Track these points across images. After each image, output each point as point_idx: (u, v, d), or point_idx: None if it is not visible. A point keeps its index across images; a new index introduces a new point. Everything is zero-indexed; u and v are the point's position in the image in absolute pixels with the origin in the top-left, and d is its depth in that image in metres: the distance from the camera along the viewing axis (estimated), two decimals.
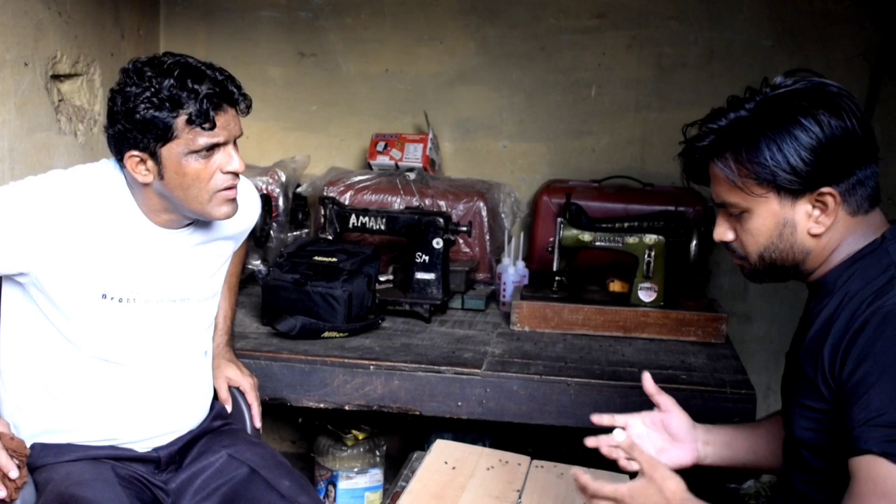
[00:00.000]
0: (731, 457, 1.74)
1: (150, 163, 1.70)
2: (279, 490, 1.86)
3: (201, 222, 1.88)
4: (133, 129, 1.66)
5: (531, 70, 3.34)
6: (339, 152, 3.49)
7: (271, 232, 3.03)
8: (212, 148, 1.70)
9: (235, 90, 1.72)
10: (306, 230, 3.23)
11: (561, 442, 2.91)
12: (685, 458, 1.73)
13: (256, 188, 2.95)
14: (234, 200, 1.79)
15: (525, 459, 2.18)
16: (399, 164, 3.22)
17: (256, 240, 2.91)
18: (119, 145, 1.71)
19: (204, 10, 3.44)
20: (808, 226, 1.42)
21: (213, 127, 1.67)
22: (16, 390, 1.83)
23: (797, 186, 1.38)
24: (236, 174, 1.76)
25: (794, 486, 1.51)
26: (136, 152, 1.69)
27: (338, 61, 3.43)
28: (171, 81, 1.64)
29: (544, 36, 3.31)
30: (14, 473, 1.63)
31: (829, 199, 1.39)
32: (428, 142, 3.23)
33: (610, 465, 2.18)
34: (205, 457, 1.94)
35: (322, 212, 2.84)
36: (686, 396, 2.26)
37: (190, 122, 1.65)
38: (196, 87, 1.65)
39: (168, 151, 1.68)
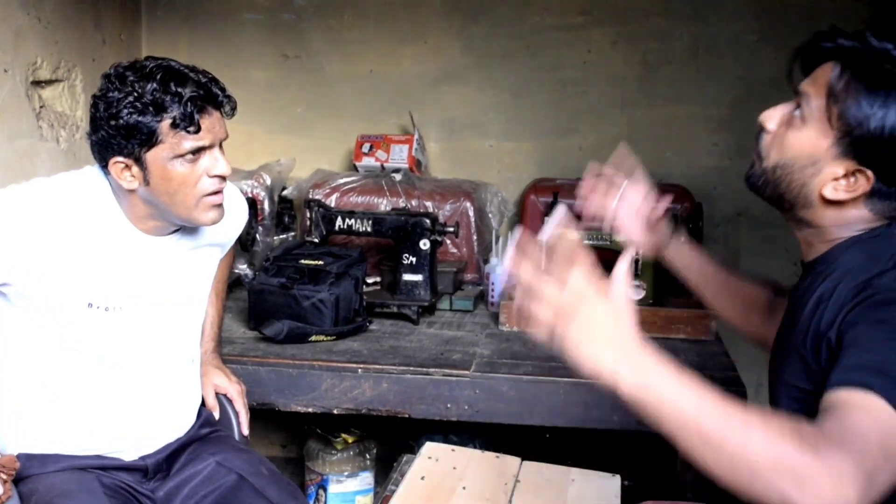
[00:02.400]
0: (684, 276, 1.80)
1: (135, 168, 1.68)
2: (268, 497, 1.84)
3: (188, 229, 1.86)
4: (117, 135, 1.64)
5: (516, 69, 3.33)
6: (325, 154, 3.47)
7: (257, 236, 3.01)
8: (197, 152, 1.68)
9: (220, 92, 1.71)
10: (292, 233, 3.22)
11: (552, 442, 2.90)
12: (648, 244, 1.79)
13: (241, 192, 2.94)
14: (220, 206, 1.77)
15: (515, 460, 2.17)
16: (385, 165, 3.21)
17: (242, 244, 2.89)
18: (103, 152, 1.69)
19: (186, 13, 3.42)
20: (826, 183, 1.36)
21: (197, 130, 1.65)
22: (8, 395, 1.81)
23: (862, 148, 1.31)
24: (223, 178, 1.74)
25: None
26: (120, 158, 1.67)
27: (322, 63, 3.42)
28: (154, 85, 1.62)
29: (529, 34, 3.30)
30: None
31: (861, 179, 1.34)
32: (413, 142, 3.22)
33: (601, 465, 2.18)
34: (192, 464, 1.92)
35: (308, 215, 2.83)
36: None
37: (174, 125, 1.63)
38: (179, 90, 1.63)
39: (153, 156, 1.66)
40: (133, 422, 1.87)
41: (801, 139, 1.38)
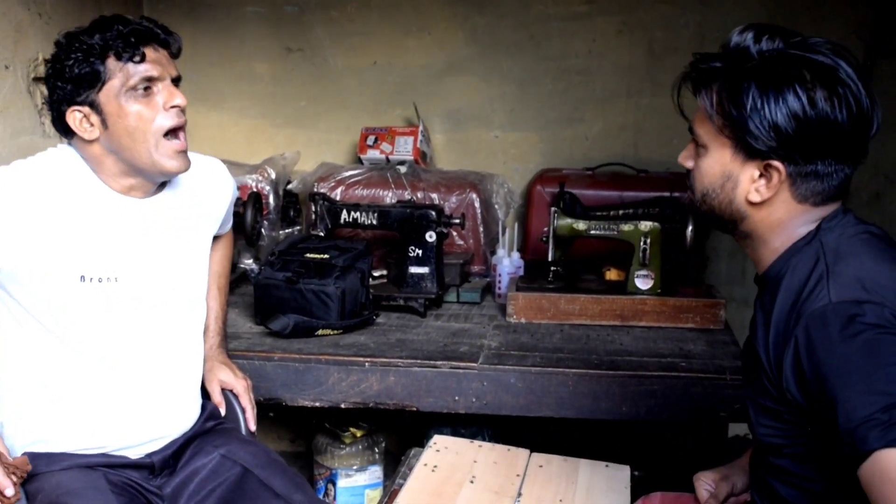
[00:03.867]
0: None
1: (93, 116, 1.72)
2: (273, 488, 1.83)
3: (167, 189, 1.88)
4: (67, 85, 1.70)
5: (521, 59, 3.31)
6: (329, 147, 3.46)
7: (262, 230, 2.99)
8: (148, 86, 1.72)
9: (160, 31, 1.76)
10: (298, 227, 3.21)
11: (561, 434, 2.89)
12: None
13: (246, 186, 2.94)
14: (184, 153, 1.79)
15: (524, 453, 2.16)
16: (390, 157, 3.19)
17: (248, 238, 2.88)
18: (59, 109, 1.73)
19: (188, 7, 3.40)
20: (748, 189, 1.41)
21: (143, 59, 1.70)
22: (10, 395, 1.80)
23: (756, 145, 1.36)
24: (181, 110, 1.77)
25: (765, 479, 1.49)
26: (76, 108, 1.71)
27: (325, 55, 3.40)
28: (97, 32, 1.70)
29: (533, 24, 3.28)
30: (10, 492, 1.60)
31: (774, 173, 1.37)
32: (418, 134, 3.20)
33: (611, 457, 2.17)
34: (198, 458, 1.91)
35: (313, 208, 2.81)
36: (686, 384, 2.24)
37: (118, 57, 1.69)
38: (119, 27, 1.70)
39: (105, 97, 1.70)
40: (135, 418, 1.85)
41: (710, 163, 1.45)
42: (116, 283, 1.78)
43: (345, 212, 2.79)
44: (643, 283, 2.62)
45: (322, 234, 2.79)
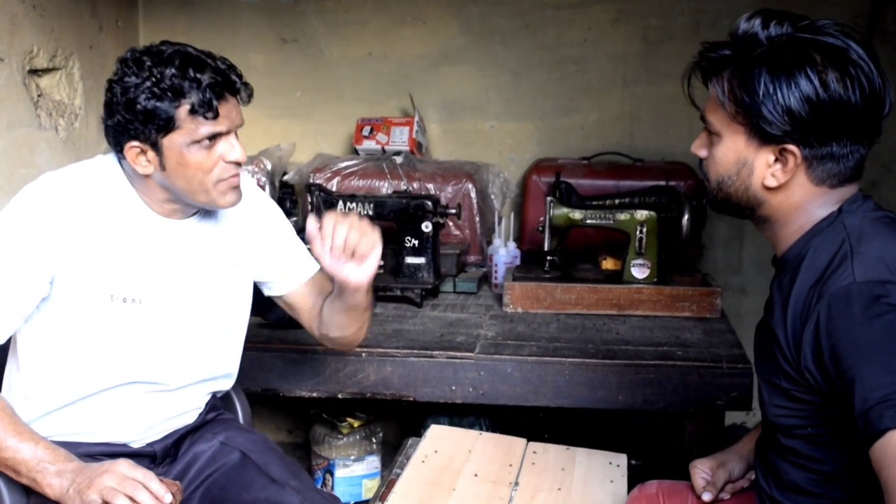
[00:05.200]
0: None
1: (150, 154, 1.66)
2: (270, 475, 1.84)
3: (207, 213, 1.84)
4: (134, 120, 1.62)
5: (516, 48, 3.31)
6: (325, 138, 3.45)
7: None
8: (214, 138, 1.66)
9: (237, 79, 1.69)
10: (294, 218, 3.20)
11: (557, 423, 2.90)
12: None
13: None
14: (237, 188, 1.75)
15: (521, 442, 2.17)
16: (385, 148, 3.19)
17: None
18: (118, 137, 1.67)
19: None
20: (764, 174, 1.41)
21: (216, 116, 1.63)
22: (13, 389, 1.79)
23: (770, 130, 1.36)
24: (238, 164, 1.72)
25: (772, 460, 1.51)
26: (136, 143, 1.65)
27: (320, 46, 3.39)
28: (173, 71, 1.60)
29: (528, 13, 3.27)
30: (168, 498, 1.59)
31: (790, 157, 1.38)
32: (414, 124, 3.20)
33: (608, 446, 2.17)
34: (198, 445, 1.92)
35: (309, 199, 2.81)
36: (682, 373, 2.24)
37: (193, 112, 1.62)
38: (198, 76, 1.61)
39: (170, 142, 1.64)
40: (144, 422, 1.85)
41: (723, 151, 1.45)
42: (140, 304, 1.76)
43: (341, 202, 2.79)
44: (639, 272, 2.63)
45: None
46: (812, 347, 1.32)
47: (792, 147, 1.37)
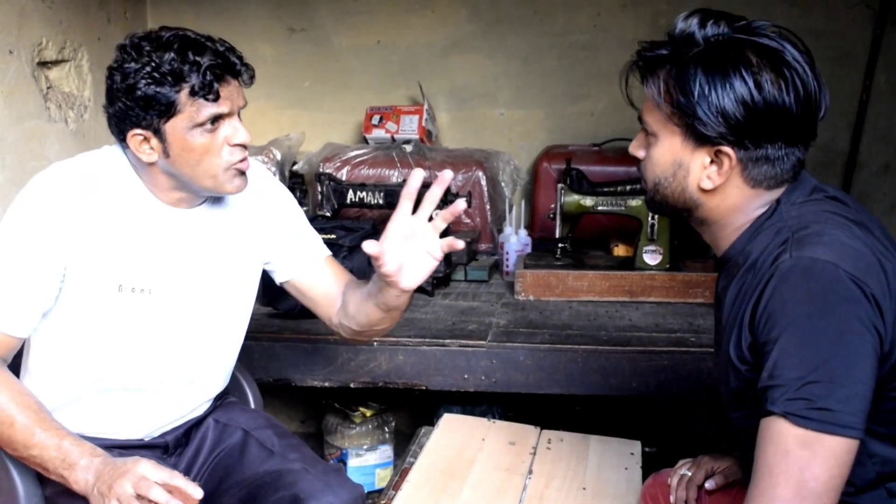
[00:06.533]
0: None
1: (153, 141, 1.64)
2: (270, 448, 1.84)
3: (215, 203, 1.84)
4: (135, 107, 1.61)
5: (525, 35, 3.29)
6: (334, 128, 3.45)
7: None
8: (216, 121, 1.65)
9: (237, 60, 1.67)
10: (304, 208, 3.19)
11: (571, 410, 2.89)
12: None
13: None
14: (244, 174, 1.74)
15: (534, 430, 2.16)
16: (395, 136, 3.18)
17: None
18: (120, 125, 1.66)
19: None
20: (700, 177, 1.40)
21: (216, 98, 1.61)
22: (40, 389, 1.79)
23: (705, 131, 1.35)
24: (244, 147, 1.71)
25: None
26: (138, 131, 1.64)
27: (328, 35, 3.38)
28: (172, 55, 1.59)
29: None
30: (199, 493, 1.58)
31: (725, 159, 1.37)
32: (423, 113, 3.19)
33: (621, 433, 2.17)
34: (203, 431, 1.93)
35: (319, 189, 2.81)
36: (695, 359, 2.23)
37: (193, 94, 1.60)
38: (198, 58, 1.59)
39: (172, 127, 1.62)
40: (156, 417, 1.85)
41: (660, 152, 1.43)
42: (150, 294, 1.76)
43: (351, 192, 2.78)
44: (651, 258, 2.62)
45: (328, 214, 2.79)
46: (749, 321, 1.32)
47: (727, 149, 1.36)
